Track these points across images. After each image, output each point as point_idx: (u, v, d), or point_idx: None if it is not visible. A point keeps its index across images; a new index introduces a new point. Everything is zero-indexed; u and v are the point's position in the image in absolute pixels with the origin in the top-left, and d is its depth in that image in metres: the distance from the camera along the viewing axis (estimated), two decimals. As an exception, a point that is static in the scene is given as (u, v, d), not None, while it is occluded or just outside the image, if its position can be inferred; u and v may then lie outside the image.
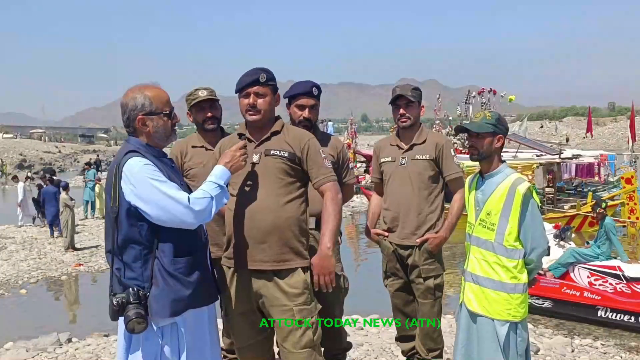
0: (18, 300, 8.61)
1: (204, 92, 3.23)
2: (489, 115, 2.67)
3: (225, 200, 2.32)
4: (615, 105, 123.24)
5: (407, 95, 3.34)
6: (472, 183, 2.80)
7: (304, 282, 2.49)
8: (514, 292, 2.57)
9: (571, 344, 5.51)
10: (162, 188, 2.10)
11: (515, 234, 2.57)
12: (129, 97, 2.23)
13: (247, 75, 2.52)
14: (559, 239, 8.08)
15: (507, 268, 2.57)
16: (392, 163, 3.46)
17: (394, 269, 3.48)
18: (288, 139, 2.56)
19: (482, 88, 18.02)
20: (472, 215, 2.73)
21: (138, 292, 2.10)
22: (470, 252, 2.71)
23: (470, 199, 2.77)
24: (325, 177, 2.52)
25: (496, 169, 2.66)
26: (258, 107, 2.51)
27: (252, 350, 2.65)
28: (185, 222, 2.14)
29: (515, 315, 2.58)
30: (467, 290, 2.70)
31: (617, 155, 23.97)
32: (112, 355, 4.86)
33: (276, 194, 2.49)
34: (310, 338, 2.46)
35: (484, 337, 2.62)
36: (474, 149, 2.65)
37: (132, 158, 2.14)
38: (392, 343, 4.67)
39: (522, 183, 2.58)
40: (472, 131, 2.64)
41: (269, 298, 2.49)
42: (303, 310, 2.45)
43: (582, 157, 17.48)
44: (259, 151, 2.55)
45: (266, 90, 2.53)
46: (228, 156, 2.40)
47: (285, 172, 2.51)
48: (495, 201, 2.59)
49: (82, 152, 50.86)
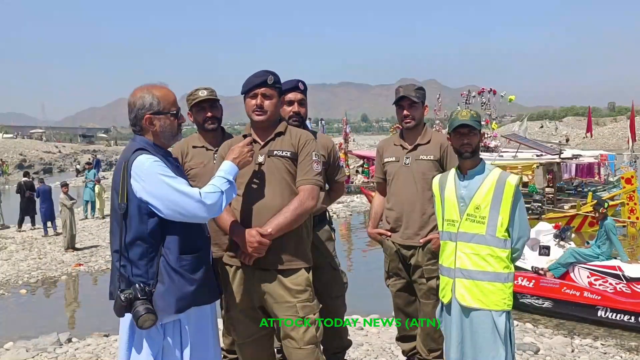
0: (18, 300, 8.62)
1: (204, 92, 3.23)
2: (474, 113, 2.74)
3: (234, 194, 2.36)
4: (615, 105, 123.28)
5: (411, 96, 3.34)
6: (445, 181, 2.82)
7: (307, 280, 2.54)
8: (507, 281, 2.65)
9: (571, 344, 5.52)
10: (173, 184, 2.13)
11: (507, 225, 2.64)
12: (137, 96, 2.26)
13: (255, 77, 2.58)
14: (559, 239, 8.09)
15: (501, 258, 2.64)
16: (396, 163, 3.46)
17: (397, 269, 3.48)
18: (291, 140, 2.62)
19: (482, 88, 18.02)
20: (454, 213, 2.75)
21: (144, 288, 2.12)
22: (456, 249, 2.73)
23: (448, 197, 2.78)
24: (306, 180, 2.55)
25: (479, 164, 2.74)
26: (265, 108, 2.57)
27: (252, 347, 2.68)
28: (198, 216, 2.17)
29: (509, 304, 2.66)
30: (457, 286, 2.72)
31: (617, 155, 23.99)
32: (112, 355, 4.86)
33: (281, 194, 2.53)
34: (314, 334, 2.50)
35: (481, 329, 2.65)
36: (469, 146, 2.69)
37: (142, 155, 2.17)
38: (392, 343, 4.67)
39: (510, 175, 2.67)
40: (470, 128, 2.67)
41: (272, 295, 2.52)
42: (306, 306, 2.50)
43: (582, 157, 17.50)
44: (264, 152, 2.60)
45: (273, 92, 2.59)
46: (236, 152, 2.44)
47: (289, 172, 2.57)
48: (484, 195, 2.65)
49: (82, 152, 50.84)
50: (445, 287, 2.79)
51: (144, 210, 2.14)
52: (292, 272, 2.52)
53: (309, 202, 2.50)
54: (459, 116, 2.70)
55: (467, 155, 2.71)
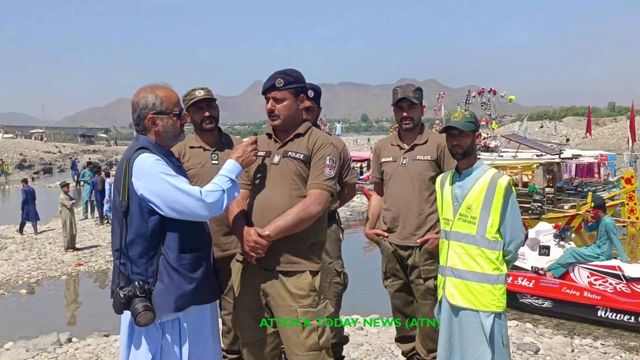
0: (18, 300, 8.62)
1: (201, 92, 3.22)
2: (467, 114, 2.76)
3: (237, 193, 2.36)
4: (615, 105, 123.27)
5: (410, 97, 3.33)
6: (445, 180, 2.87)
7: (311, 285, 2.48)
8: (496, 282, 2.65)
9: (571, 344, 5.52)
10: (174, 182, 2.14)
11: (497, 226, 2.65)
12: (140, 96, 2.27)
13: (267, 80, 2.56)
14: (559, 239, 8.08)
15: (490, 259, 2.65)
16: (393, 163, 3.45)
17: (394, 269, 3.47)
18: (307, 143, 2.57)
19: (482, 88, 18.00)
20: (448, 212, 2.80)
21: (143, 285, 2.13)
22: (449, 248, 2.77)
23: (445, 196, 2.84)
24: (315, 184, 2.49)
25: (474, 164, 2.76)
26: (276, 112, 2.54)
27: (258, 347, 2.63)
28: (198, 215, 2.18)
29: (499, 306, 2.65)
30: (448, 284, 2.74)
31: (617, 155, 23.99)
32: (112, 355, 4.86)
33: (289, 196, 2.50)
34: (315, 341, 2.43)
35: (468, 329, 2.66)
36: (459, 147, 2.72)
37: (143, 154, 2.19)
38: (392, 343, 4.67)
39: (502, 177, 2.69)
40: (460, 130, 2.69)
41: (274, 297, 2.49)
42: (308, 312, 2.44)
43: (582, 157, 17.49)
44: (280, 152, 2.57)
45: (284, 94, 2.53)
46: (239, 151, 2.45)
47: (300, 175, 2.52)
48: (476, 195, 2.68)
49: (82, 152, 50.83)
50: (440, 284, 2.83)
51: (145, 209, 2.16)
52: (294, 274, 2.48)
53: (314, 208, 2.44)
54: (451, 117, 2.73)
55: (458, 157, 2.75)
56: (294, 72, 2.59)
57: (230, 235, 3.24)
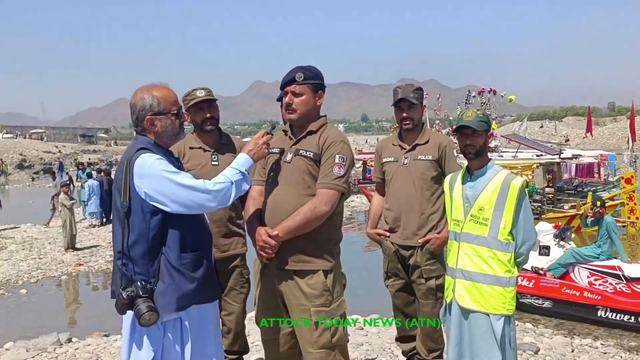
0: (18, 300, 8.61)
1: (201, 92, 3.21)
2: (480, 114, 2.71)
3: (246, 186, 2.35)
4: (615, 105, 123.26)
5: (410, 97, 3.34)
6: (455, 180, 2.81)
7: (324, 284, 2.48)
8: (508, 285, 2.61)
9: (571, 344, 5.51)
10: (176, 179, 2.15)
11: (510, 228, 2.60)
12: (138, 98, 2.27)
13: (287, 74, 2.56)
14: (559, 239, 8.08)
15: (502, 262, 2.61)
16: (395, 163, 3.45)
17: (395, 269, 3.48)
18: (318, 140, 2.55)
19: (482, 88, 18.02)
20: (459, 213, 2.73)
21: (145, 285, 2.13)
22: (459, 250, 2.72)
23: (455, 197, 2.77)
24: (324, 184, 2.47)
25: (486, 165, 2.71)
26: (294, 106, 2.54)
27: (277, 344, 2.66)
28: (206, 207, 2.20)
29: (510, 309, 2.62)
30: (458, 287, 2.70)
31: (617, 155, 23.98)
32: (112, 355, 4.86)
33: (298, 195, 2.49)
34: (328, 340, 2.46)
35: (479, 332, 2.63)
36: (472, 147, 2.66)
37: (144, 154, 2.19)
38: (392, 343, 4.67)
39: (515, 178, 2.64)
40: (473, 129, 2.64)
41: (288, 296, 2.51)
42: (321, 311, 2.46)
43: (582, 157, 17.50)
44: (292, 150, 2.57)
45: (303, 89, 2.53)
46: (251, 144, 2.46)
47: (310, 173, 2.51)
48: (488, 196, 2.62)
49: (82, 152, 50.82)
50: (449, 287, 2.78)
51: (146, 209, 2.16)
52: (307, 273, 2.48)
53: (322, 207, 2.42)
54: (464, 117, 2.67)
55: (470, 157, 2.69)
56: (313, 68, 2.60)
57: (230, 237, 3.25)
